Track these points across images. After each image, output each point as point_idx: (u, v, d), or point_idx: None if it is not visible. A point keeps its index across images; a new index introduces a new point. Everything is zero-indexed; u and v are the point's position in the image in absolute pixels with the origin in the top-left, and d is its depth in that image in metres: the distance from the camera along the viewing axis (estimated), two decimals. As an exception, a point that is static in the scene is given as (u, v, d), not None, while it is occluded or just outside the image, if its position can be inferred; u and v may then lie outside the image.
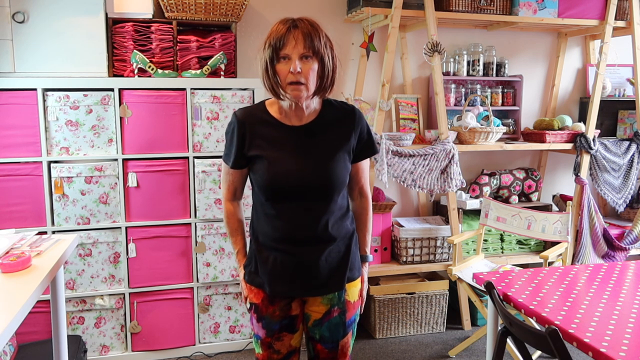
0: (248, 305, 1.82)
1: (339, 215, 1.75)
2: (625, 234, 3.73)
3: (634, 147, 3.71)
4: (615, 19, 3.59)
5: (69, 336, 2.66)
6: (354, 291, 1.81)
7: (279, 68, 1.62)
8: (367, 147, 1.80)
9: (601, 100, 3.67)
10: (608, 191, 3.71)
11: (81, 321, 2.95)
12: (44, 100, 2.78)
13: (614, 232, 3.74)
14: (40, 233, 2.48)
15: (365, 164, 1.84)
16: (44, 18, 2.80)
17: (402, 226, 3.45)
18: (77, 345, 2.68)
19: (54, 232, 2.85)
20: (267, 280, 1.74)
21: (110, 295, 2.96)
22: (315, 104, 1.73)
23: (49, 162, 2.82)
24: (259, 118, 1.72)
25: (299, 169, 1.67)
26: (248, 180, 1.81)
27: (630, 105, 3.86)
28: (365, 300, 1.92)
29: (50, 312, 2.11)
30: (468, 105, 3.57)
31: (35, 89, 2.75)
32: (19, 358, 2.55)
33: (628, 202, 3.77)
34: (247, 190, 1.83)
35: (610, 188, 3.72)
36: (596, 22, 3.57)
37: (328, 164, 1.69)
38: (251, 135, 1.70)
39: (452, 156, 3.31)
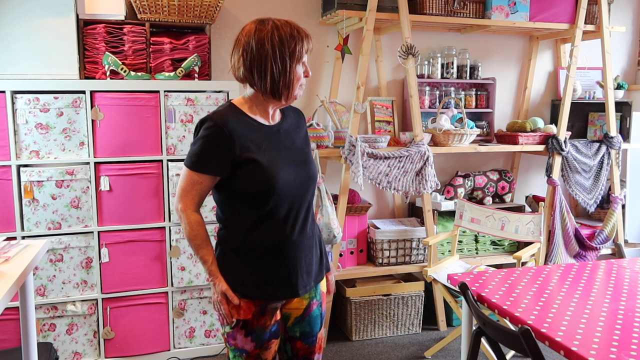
0: (233, 322, 1.69)
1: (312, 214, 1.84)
2: (596, 233, 3.80)
3: (603, 148, 3.78)
4: (585, 23, 3.66)
5: (40, 344, 2.60)
6: (324, 281, 1.92)
7: (296, 70, 1.65)
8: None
9: (572, 103, 3.73)
10: (579, 192, 3.77)
11: (52, 328, 2.89)
12: (13, 103, 2.72)
13: (585, 232, 3.80)
14: (9, 238, 2.43)
15: None
16: (13, 19, 2.74)
17: (377, 228, 3.46)
18: (48, 353, 2.63)
19: (23, 238, 2.78)
20: (262, 288, 1.69)
21: (82, 301, 2.91)
22: None
23: (19, 166, 2.76)
24: (241, 120, 1.65)
25: (293, 170, 1.68)
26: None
27: (599, 107, 3.93)
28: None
29: (19, 320, 2.06)
30: (442, 108, 3.60)
31: (4, 92, 2.69)
32: (-12, 367, 2.49)
33: (598, 202, 3.84)
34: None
35: (581, 189, 3.78)
36: (566, 25, 3.64)
37: (311, 163, 1.77)
38: (240, 140, 1.62)
39: (427, 158, 3.34)
